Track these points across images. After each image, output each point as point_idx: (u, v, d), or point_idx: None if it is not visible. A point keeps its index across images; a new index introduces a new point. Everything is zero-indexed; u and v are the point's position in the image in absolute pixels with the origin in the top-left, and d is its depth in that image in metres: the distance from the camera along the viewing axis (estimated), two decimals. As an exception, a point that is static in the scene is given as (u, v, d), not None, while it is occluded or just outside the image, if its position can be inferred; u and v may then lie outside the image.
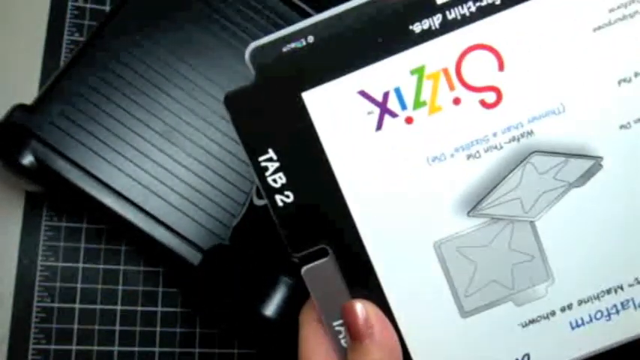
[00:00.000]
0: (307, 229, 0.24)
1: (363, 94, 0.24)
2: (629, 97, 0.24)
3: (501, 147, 0.24)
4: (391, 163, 0.24)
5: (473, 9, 0.23)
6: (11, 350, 0.40)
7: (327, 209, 0.24)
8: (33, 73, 0.43)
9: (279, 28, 0.43)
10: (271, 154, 0.24)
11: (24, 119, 0.37)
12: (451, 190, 0.24)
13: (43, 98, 0.38)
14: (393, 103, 0.24)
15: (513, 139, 0.24)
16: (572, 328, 0.25)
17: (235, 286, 0.31)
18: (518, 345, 0.25)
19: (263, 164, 0.24)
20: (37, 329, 0.40)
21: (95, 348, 0.41)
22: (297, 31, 0.24)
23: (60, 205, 0.42)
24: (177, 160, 0.40)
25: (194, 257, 0.38)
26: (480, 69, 0.24)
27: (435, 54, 0.24)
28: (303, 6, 0.44)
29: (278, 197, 0.24)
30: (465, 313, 0.25)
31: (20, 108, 0.38)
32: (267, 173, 0.24)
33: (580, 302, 0.25)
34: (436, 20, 0.23)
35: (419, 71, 0.24)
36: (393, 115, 0.24)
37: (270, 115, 0.24)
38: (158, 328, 0.42)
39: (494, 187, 0.24)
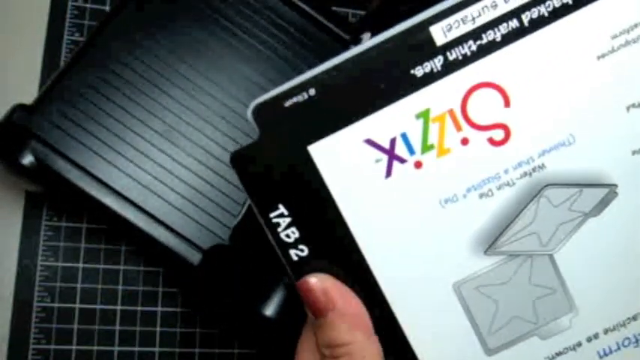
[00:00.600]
0: None
1: (369, 142, 0.24)
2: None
3: (513, 183, 0.24)
4: (403, 209, 0.24)
5: (474, 48, 0.23)
6: (11, 350, 0.40)
7: (342, 261, 0.24)
8: (33, 73, 0.43)
9: (279, 28, 0.43)
10: (282, 209, 0.24)
11: (24, 119, 0.37)
12: (466, 230, 0.24)
13: (43, 98, 0.38)
14: (400, 149, 0.24)
15: (525, 174, 0.24)
16: (601, 357, 0.25)
17: (235, 286, 0.31)
18: None
19: (275, 220, 0.24)
20: (37, 329, 0.40)
21: (95, 348, 0.41)
22: (297, 85, 0.23)
23: (60, 205, 0.42)
24: (177, 160, 0.40)
25: (194, 257, 0.38)
26: (485, 107, 0.23)
27: (439, 96, 0.23)
28: (303, 6, 0.44)
29: (292, 252, 0.24)
30: (489, 351, 0.25)
31: (20, 108, 0.37)
32: (280, 229, 0.24)
33: (606, 331, 0.25)
34: (437, 62, 0.23)
35: (424, 115, 0.23)
36: (402, 160, 0.24)
37: (277, 171, 0.24)
38: (158, 328, 0.42)
39: (510, 223, 0.24)
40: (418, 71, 0.23)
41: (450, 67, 0.23)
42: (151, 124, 0.40)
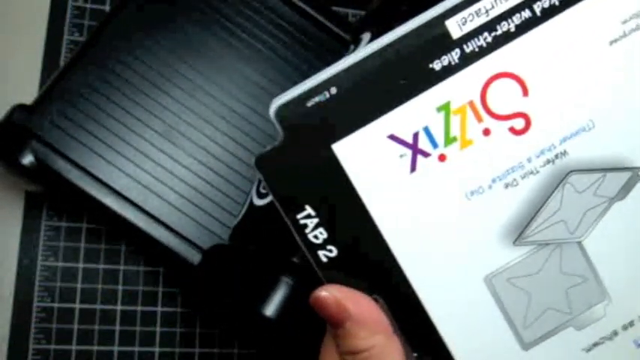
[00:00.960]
0: (356, 284, 0.24)
1: (392, 137, 0.24)
2: None
3: (537, 171, 0.24)
4: (430, 203, 0.24)
5: (489, 39, 0.23)
6: (11, 350, 0.40)
7: (372, 260, 0.24)
8: (33, 73, 0.43)
9: (279, 28, 0.43)
10: (309, 210, 0.24)
11: (24, 119, 0.37)
12: (494, 222, 0.24)
13: (43, 98, 0.38)
14: (424, 143, 0.24)
15: (548, 161, 0.24)
16: (638, 346, 0.25)
17: (235, 286, 0.31)
18: None
19: (302, 222, 0.24)
20: (37, 329, 0.40)
21: (95, 348, 0.41)
22: (319, 85, 0.23)
23: (60, 205, 0.42)
24: (178, 160, 0.40)
25: (194, 257, 0.38)
26: (504, 97, 0.24)
27: (459, 88, 0.23)
28: (303, 6, 0.44)
29: (321, 253, 0.24)
30: (525, 345, 0.24)
31: (20, 108, 0.37)
32: (307, 230, 0.24)
33: None
34: (455, 55, 0.23)
35: (445, 108, 0.24)
36: (426, 154, 0.24)
37: (302, 172, 0.24)
38: (158, 328, 0.42)
39: (537, 212, 0.24)
40: (437, 65, 0.23)
41: (467, 60, 0.23)
42: (151, 124, 0.40)
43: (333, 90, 0.23)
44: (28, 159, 0.37)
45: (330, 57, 0.42)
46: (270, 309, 0.30)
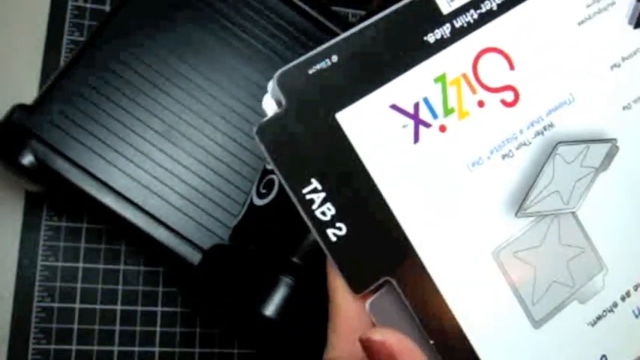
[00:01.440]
0: (367, 264, 0.23)
1: (394, 107, 0.24)
2: (623, 79, 0.26)
3: (530, 142, 0.25)
4: (435, 175, 0.24)
5: (475, 16, 0.25)
6: (11, 350, 0.40)
7: (383, 237, 0.23)
8: (33, 73, 0.43)
9: (279, 28, 0.43)
10: (315, 183, 0.23)
11: (24, 119, 0.37)
12: (496, 193, 0.24)
13: (43, 98, 0.38)
14: (424, 114, 0.24)
15: (538, 133, 0.25)
16: (636, 316, 0.25)
17: (235, 286, 0.31)
18: (593, 346, 0.25)
19: (308, 197, 0.23)
20: (37, 329, 0.40)
21: (95, 348, 0.41)
22: (320, 52, 0.24)
23: (60, 205, 0.42)
24: (178, 160, 0.40)
25: (194, 257, 0.38)
26: (494, 70, 0.25)
27: (452, 61, 0.24)
28: (303, 6, 0.44)
29: (330, 231, 0.23)
30: (536, 323, 0.24)
31: (20, 108, 0.38)
32: (315, 206, 0.23)
33: (636, 287, 0.25)
34: (446, 29, 0.24)
35: (441, 79, 0.24)
36: (427, 125, 0.24)
37: (306, 142, 0.23)
38: (158, 328, 0.42)
39: (533, 183, 0.25)
40: (430, 38, 0.24)
41: (457, 34, 0.24)
42: (150, 124, 0.40)
43: (334, 58, 0.24)
44: (28, 159, 0.37)
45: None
46: (270, 309, 0.30)
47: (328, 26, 0.44)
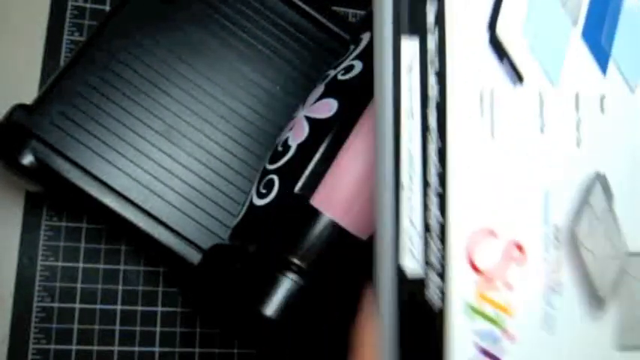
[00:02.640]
0: None
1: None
2: None
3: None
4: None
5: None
6: (11, 350, 0.40)
7: None
8: (33, 73, 0.43)
9: (279, 28, 0.43)
10: None
11: (24, 119, 0.37)
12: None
13: (43, 98, 0.38)
14: (489, 346, 0.24)
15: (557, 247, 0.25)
16: None
17: (235, 286, 0.31)
18: None
19: None
20: (37, 329, 0.40)
21: (95, 348, 0.41)
22: None
23: (60, 205, 0.42)
24: (177, 160, 0.40)
25: (194, 257, 0.38)
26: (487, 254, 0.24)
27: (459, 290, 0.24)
28: (303, 6, 0.44)
29: None
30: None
31: (20, 108, 0.37)
32: None
33: None
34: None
35: (473, 309, 0.24)
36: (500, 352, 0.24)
37: None
38: (158, 328, 0.42)
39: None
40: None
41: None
42: (150, 124, 0.40)
43: None
44: (28, 159, 0.37)
45: (330, 57, 0.42)
46: (270, 309, 0.30)
47: (328, 26, 0.44)
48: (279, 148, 0.35)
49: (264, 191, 0.34)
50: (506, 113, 0.24)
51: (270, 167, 0.34)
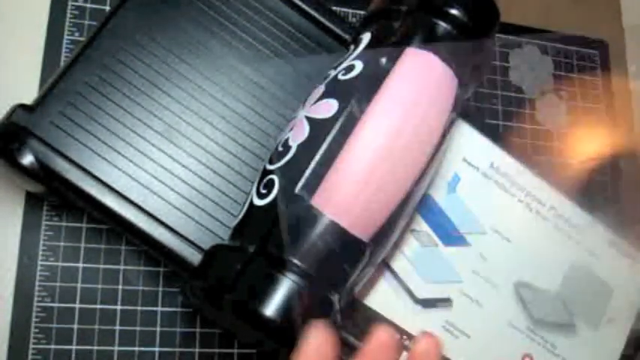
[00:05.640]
0: None
1: None
2: None
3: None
4: None
5: None
6: (11, 350, 0.40)
7: None
8: (33, 73, 0.43)
9: (279, 28, 0.43)
10: None
11: (24, 119, 0.37)
12: None
13: (43, 98, 0.38)
14: None
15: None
16: None
17: (235, 286, 0.31)
18: None
19: None
20: (37, 329, 0.40)
21: (95, 348, 0.41)
22: None
23: (60, 205, 0.42)
24: (177, 160, 0.40)
25: (194, 257, 0.38)
26: None
27: None
28: (303, 6, 0.44)
29: None
30: None
31: (20, 108, 0.37)
32: None
33: None
34: None
35: None
36: None
37: None
38: (158, 328, 0.42)
39: None
40: None
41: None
42: (150, 124, 0.40)
43: None
44: (28, 159, 0.37)
45: (330, 57, 0.42)
46: (271, 309, 0.30)
47: (328, 26, 0.44)
48: (280, 149, 0.35)
49: (264, 191, 0.34)
50: None
51: (270, 167, 0.34)
